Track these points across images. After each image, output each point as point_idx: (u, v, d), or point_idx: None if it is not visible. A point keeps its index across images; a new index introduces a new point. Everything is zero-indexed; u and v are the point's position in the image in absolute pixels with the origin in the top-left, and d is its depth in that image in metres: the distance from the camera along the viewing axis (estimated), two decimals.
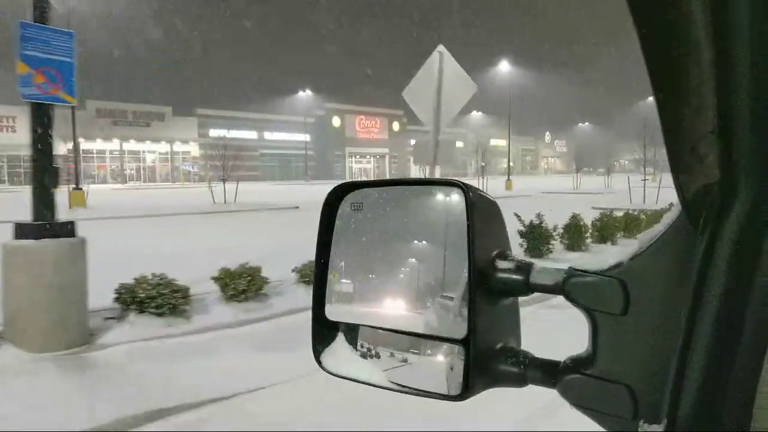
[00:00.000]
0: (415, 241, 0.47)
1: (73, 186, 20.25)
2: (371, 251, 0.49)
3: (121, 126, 48.23)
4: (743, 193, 0.33)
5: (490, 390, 0.42)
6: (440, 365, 0.44)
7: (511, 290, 0.43)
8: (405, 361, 0.45)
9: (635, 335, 0.37)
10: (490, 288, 0.42)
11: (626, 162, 67.78)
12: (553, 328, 2.45)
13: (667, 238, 0.37)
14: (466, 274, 0.41)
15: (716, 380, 0.33)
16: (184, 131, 51.43)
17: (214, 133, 53.43)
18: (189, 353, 4.25)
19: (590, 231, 9.39)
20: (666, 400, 0.35)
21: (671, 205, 0.36)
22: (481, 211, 0.43)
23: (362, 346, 0.48)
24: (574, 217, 9.02)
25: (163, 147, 50.32)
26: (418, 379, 0.44)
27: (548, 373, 0.41)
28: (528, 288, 0.42)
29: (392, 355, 0.46)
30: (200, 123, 52.66)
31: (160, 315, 4.66)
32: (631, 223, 10.15)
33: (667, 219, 0.38)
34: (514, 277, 0.42)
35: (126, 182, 47.99)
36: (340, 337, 0.50)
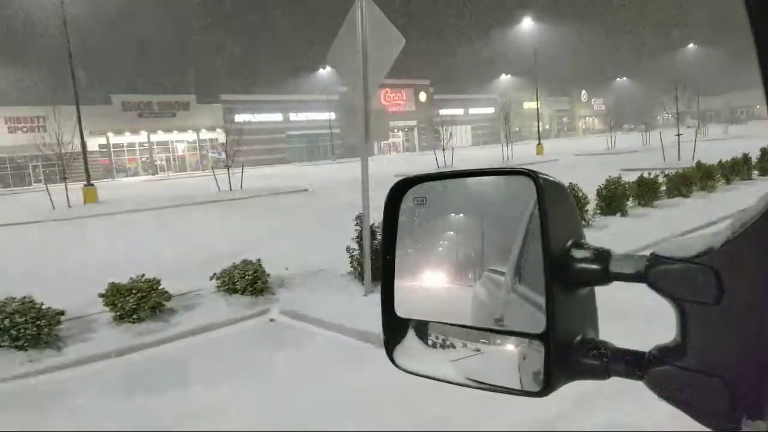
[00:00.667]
0: (482, 234, 0.47)
1: (84, 183, 20.61)
2: (436, 244, 0.49)
3: (147, 118, 49.21)
4: None
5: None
6: (512, 355, 0.44)
7: (588, 280, 0.42)
8: (477, 351, 0.46)
9: (730, 326, 0.36)
10: (567, 279, 0.41)
11: (669, 116, 64.19)
12: None
13: (765, 221, 0.34)
14: (538, 264, 0.41)
15: None
16: (210, 118, 52.03)
17: (239, 118, 53.83)
18: (27, 399, 3.68)
19: (596, 202, 7.90)
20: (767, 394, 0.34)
21: (698, 163, 0.35)
22: (553, 199, 0.42)
23: (433, 340, 0.49)
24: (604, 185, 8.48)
25: (191, 136, 51.08)
26: (492, 371, 0.44)
27: (634, 364, 0.40)
28: (608, 277, 0.41)
29: (464, 345, 0.46)
30: (225, 109, 53.07)
31: (19, 348, 4.16)
32: (646, 188, 8.63)
33: (764, 199, 0.35)
34: (593, 266, 0.41)
35: (156, 173, 49.11)
36: (411, 333, 0.50)
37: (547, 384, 0.40)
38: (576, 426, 2.76)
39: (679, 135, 18.22)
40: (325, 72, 63.21)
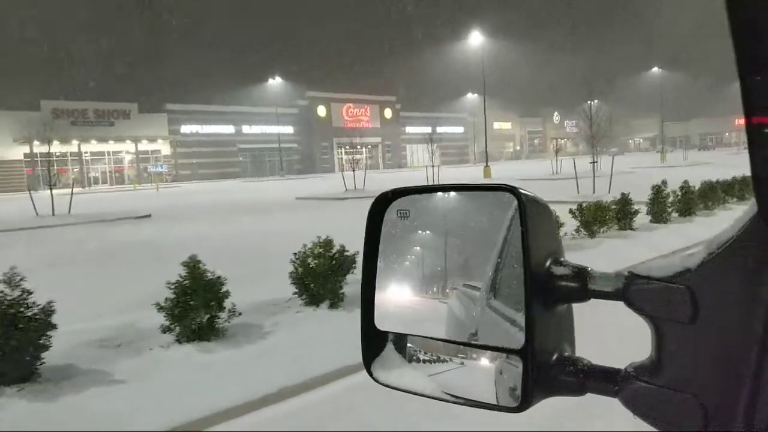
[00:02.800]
0: (464, 248, 0.49)
1: None
2: (416, 257, 0.52)
3: (81, 126, 47.67)
4: None
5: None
6: (489, 370, 0.46)
7: (567, 297, 0.44)
8: (454, 365, 0.48)
9: (704, 344, 0.38)
10: (547, 295, 0.43)
11: (640, 140, 67.15)
12: None
13: (740, 243, 0.37)
14: (518, 279, 0.43)
15: None
16: (153, 129, 50.80)
17: (186, 129, 52.78)
18: None
19: None
20: (740, 411, 0.35)
21: (621, 194, 0.31)
22: (534, 216, 0.44)
23: (411, 354, 0.51)
24: None
25: (131, 146, 49.58)
26: (469, 386, 0.47)
27: (609, 381, 0.42)
28: (586, 294, 0.43)
29: (441, 359, 0.49)
30: (171, 119, 51.99)
31: None
32: None
33: (740, 221, 0.37)
34: (572, 283, 0.43)
35: (89, 186, 47.29)
36: (389, 347, 0.53)
37: (525, 400, 0.42)
38: None
39: (593, 162, 17.04)
40: (283, 84, 63.25)
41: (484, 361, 0.47)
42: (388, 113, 68.01)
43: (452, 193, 0.53)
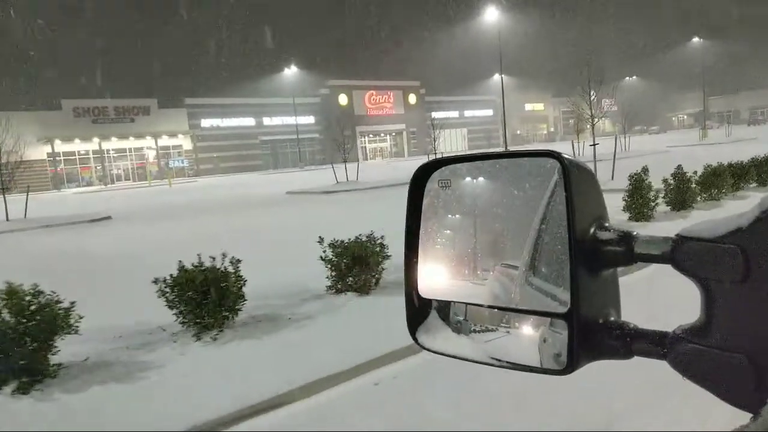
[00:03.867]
0: (503, 215, 0.50)
1: None
2: (458, 227, 0.54)
3: (102, 124, 48.74)
4: None
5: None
6: (533, 338, 0.47)
7: (613, 261, 0.45)
8: (495, 333, 0.49)
9: (756, 303, 0.38)
10: (592, 259, 0.44)
11: (684, 117, 64.24)
12: None
13: None
14: (560, 246, 0.45)
15: None
16: (173, 124, 51.44)
17: (206, 123, 53.20)
18: None
19: None
20: None
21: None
22: (578, 181, 0.45)
23: (455, 321, 0.53)
24: None
25: (151, 142, 50.34)
26: (513, 352, 0.48)
27: (657, 344, 0.42)
28: (633, 258, 0.43)
29: (484, 328, 0.50)
30: (190, 114, 52.52)
31: None
32: None
33: None
34: (617, 247, 0.44)
35: (112, 183, 48.33)
36: (433, 314, 0.55)
37: (570, 363, 0.43)
38: None
39: (594, 145, 15.65)
40: (297, 72, 62.96)
41: (528, 329, 0.48)
42: (412, 99, 67.09)
43: (495, 162, 0.53)
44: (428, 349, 0.53)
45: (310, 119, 59.22)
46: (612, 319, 0.45)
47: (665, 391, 2.89)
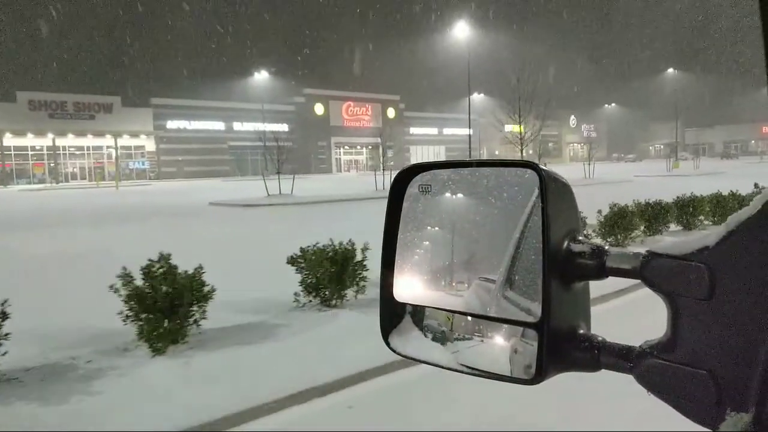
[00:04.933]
0: (481, 224, 0.51)
1: None
2: (436, 233, 0.54)
3: (59, 119, 46.79)
4: None
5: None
6: (504, 348, 0.48)
7: (585, 274, 0.46)
8: (468, 341, 0.51)
9: (720, 321, 0.39)
10: (564, 272, 0.45)
11: (661, 146, 65.70)
12: None
13: (760, 221, 0.38)
14: (533, 257, 0.46)
15: None
16: (137, 124, 49.77)
17: (172, 125, 51.65)
18: None
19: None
20: (754, 387, 0.37)
21: None
22: (555, 193, 0.46)
23: (429, 327, 0.54)
24: None
25: (110, 141, 48.51)
26: (484, 360, 0.49)
27: (624, 357, 0.43)
28: (604, 272, 0.45)
29: (456, 336, 0.52)
30: (156, 114, 50.99)
31: None
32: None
33: (760, 200, 0.39)
34: (589, 261, 0.45)
35: (66, 181, 46.29)
36: (407, 319, 0.55)
37: (539, 372, 0.44)
38: None
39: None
40: (272, 79, 62.07)
41: (500, 339, 0.49)
42: (390, 113, 66.95)
43: (475, 170, 0.54)
44: (399, 354, 0.54)
45: (283, 127, 58.23)
46: (581, 331, 0.46)
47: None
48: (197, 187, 34.23)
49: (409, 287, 0.55)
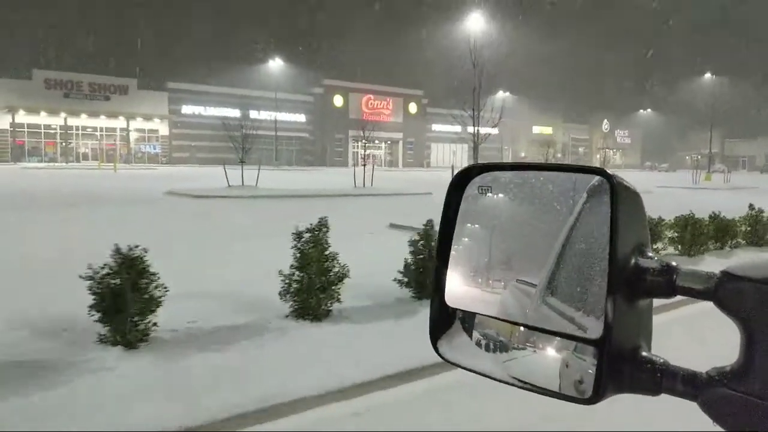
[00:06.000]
0: (543, 230, 0.50)
1: None
2: (493, 237, 0.54)
3: (74, 99, 47.26)
4: None
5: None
6: (554, 361, 0.47)
7: (652, 291, 0.44)
8: (519, 351, 0.50)
9: None
10: (630, 287, 0.44)
11: (698, 157, 63.36)
12: None
13: None
14: (597, 268, 0.45)
15: None
16: (152, 107, 49.92)
17: (187, 110, 51.59)
18: None
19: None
20: None
21: None
22: (626, 204, 0.45)
23: (478, 334, 0.53)
24: None
25: (123, 123, 48.68)
26: (534, 373, 0.48)
27: (688, 384, 0.42)
28: (674, 290, 0.43)
29: (506, 344, 0.51)
30: (172, 98, 51.04)
31: None
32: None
33: None
34: (658, 277, 0.44)
35: (77, 161, 46.59)
36: (457, 324, 0.55)
37: (597, 392, 0.42)
38: None
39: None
40: (292, 67, 61.65)
41: (551, 351, 0.47)
42: (412, 108, 65.94)
43: (538, 173, 0.53)
44: (447, 360, 0.53)
45: (300, 117, 57.72)
46: (643, 351, 0.44)
47: None
48: (192, 175, 33.08)
49: (461, 292, 0.54)
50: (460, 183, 0.56)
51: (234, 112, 54.92)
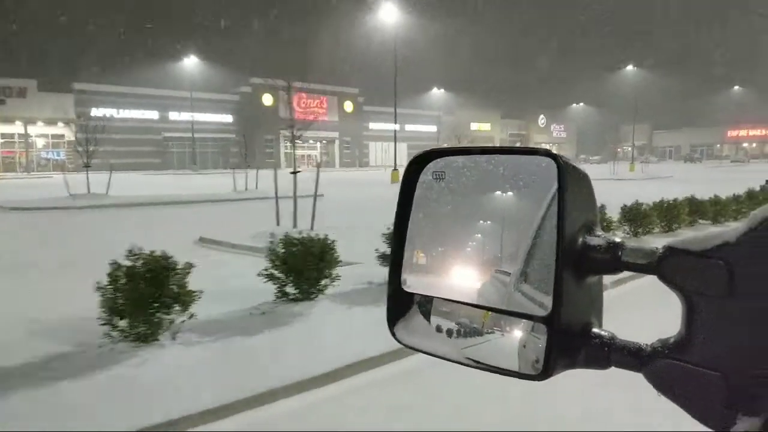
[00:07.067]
0: (495, 213, 0.51)
1: None
2: (448, 222, 0.55)
3: None
4: None
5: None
6: (512, 342, 0.48)
7: (599, 268, 0.46)
8: (477, 335, 0.51)
9: (737, 321, 0.39)
10: (578, 265, 0.45)
11: (630, 148, 65.65)
12: None
13: None
14: (539, 249, 0.47)
15: None
16: (56, 110, 45.56)
17: (98, 113, 47.60)
18: None
19: None
20: (766, 391, 0.37)
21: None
22: (573, 183, 0.46)
23: (436, 318, 0.54)
24: None
25: (27, 129, 44.14)
26: (491, 354, 0.49)
27: (635, 356, 0.44)
28: (619, 266, 0.45)
29: (464, 328, 0.52)
30: (78, 100, 46.90)
31: None
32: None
33: None
34: (605, 255, 0.45)
35: None
36: (415, 309, 0.56)
37: (546, 368, 0.44)
38: None
39: (295, 172, 11.01)
40: (216, 66, 58.71)
41: (510, 333, 0.49)
42: (348, 106, 64.35)
43: (491, 157, 0.54)
44: (404, 344, 0.54)
45: (226, 118, 54.72)
46: (592, 327, 0.46)
47: None
48: (63, 183, 29.42)
49: (418, 277, 0.55)
50: (414, 169, 0.57)
51: (151, 114, 51.31)
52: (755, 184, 15.68)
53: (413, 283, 0.56)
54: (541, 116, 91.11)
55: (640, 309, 4.23)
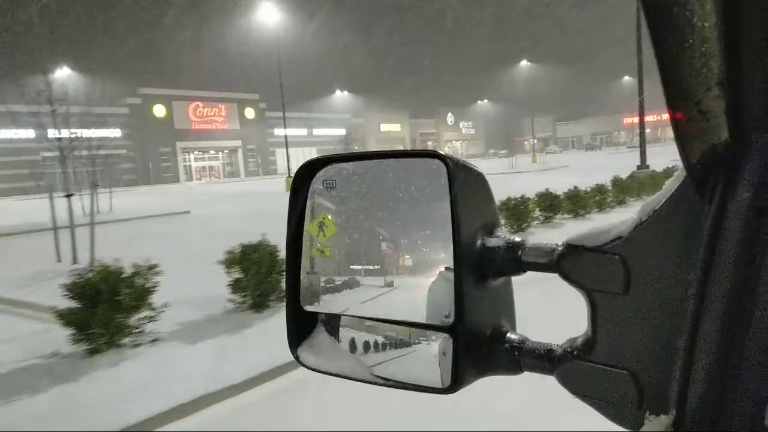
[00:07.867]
0: (393, 220, 0.49)
1: None
2: (346, 233, 0.52)
3: None
4: (755, 153, 0.33)
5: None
6: (430, 353, 0.46)
7: (501, 270, 0.44)
8: (405, 346, 0.48)
9: (638, 316, 0.39)
10: (479, 268, 0.44)
11: (534, 141, 68.72)
12: None
13: (670, 208, 0.37)
14: (444, 255, 0.44)
15: (729, 365, 0.33)
16: None
17: None
18: None
19: None
20: (674, 387, 0.36)
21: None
22: (466, 185, 0.44)
23: (345, 337, 0.51)
24: None
25: None
26: (408, 369, 0.47)
27: (545, 359, 0.43)
28: (520, 267, 0.44)
29: (390, 341, 0.48)
30: None
31: None
32: None
33: (670, 185, 0.38)
34: (505, 255, 0.44)
35: None
36: (320, 329, 0.53)
37: (455, 380, 0.42)
38: None
39: (69, 195, 10.41)
40: (97, 77, 54.97)
41: (434, 342, 0.46)
42: (249, 113, 62.49)
43: (380, 162, 0.52)
44: (308, 367, 0.51)
45: (114, 132, 51.27)
46: (502, 331, 0.45)
47: None
48: None
49: (319, 293, 0.52)
50: (302, 179, 0.53)
51: (26, 133, 46.95)
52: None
53: (329, 300, 0.51)
54: (449, 114, 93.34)
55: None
